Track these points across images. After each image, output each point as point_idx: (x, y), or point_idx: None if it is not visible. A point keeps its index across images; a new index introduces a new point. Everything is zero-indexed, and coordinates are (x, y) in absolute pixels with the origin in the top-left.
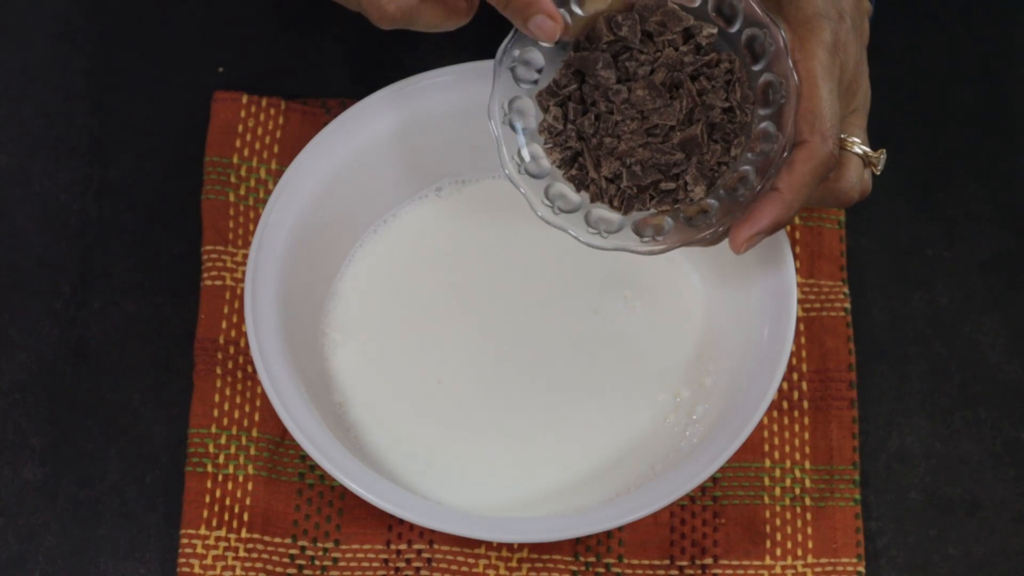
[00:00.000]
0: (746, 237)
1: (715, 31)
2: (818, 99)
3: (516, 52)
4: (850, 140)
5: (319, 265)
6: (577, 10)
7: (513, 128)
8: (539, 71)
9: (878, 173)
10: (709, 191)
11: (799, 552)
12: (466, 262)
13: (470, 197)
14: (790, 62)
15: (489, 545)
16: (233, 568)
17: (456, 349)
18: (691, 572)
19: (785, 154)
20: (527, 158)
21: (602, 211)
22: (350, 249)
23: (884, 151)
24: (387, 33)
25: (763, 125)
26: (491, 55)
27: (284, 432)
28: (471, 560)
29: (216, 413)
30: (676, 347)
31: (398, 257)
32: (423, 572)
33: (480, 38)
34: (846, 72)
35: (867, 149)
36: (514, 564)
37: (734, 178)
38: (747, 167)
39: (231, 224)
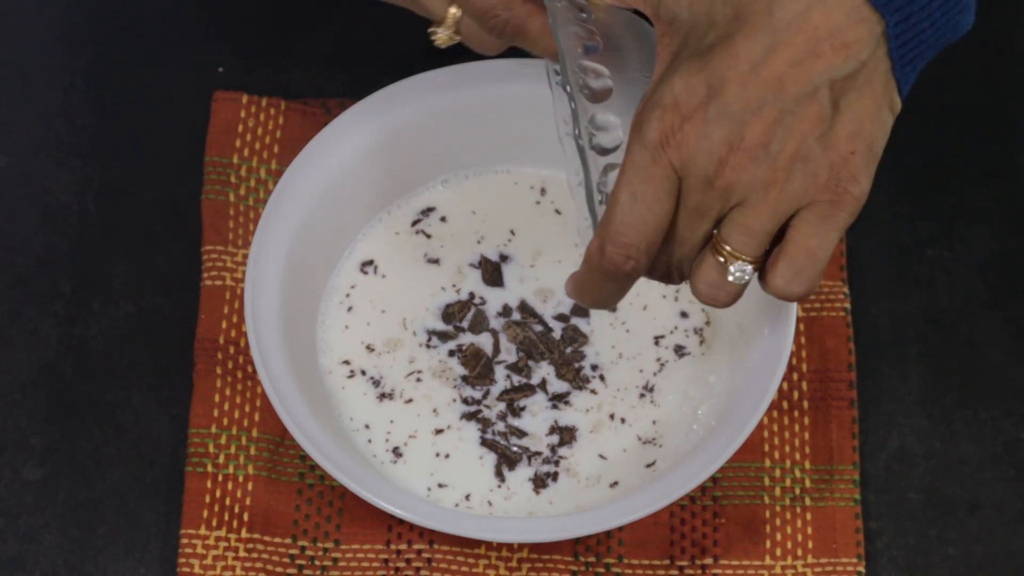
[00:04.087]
0: (566, 292)
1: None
2: (612, 201)
3: (558, 66)
4: (719, 239)
5: (319, 264)
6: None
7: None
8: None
9: (733, 283)
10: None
11: (799, 552)
12: (467, 259)
13: (470, 195)
14: None
15: (489, 545)
16: (233, 568)
17: (457, 347)
18: (691, 572)
19: None
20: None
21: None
22: (350, 248)
23: (747, 265)
24: (388, 33)
25: None
26: (489, 56)
27: (284, 432)
28: (471, 560)
29: (216, 413)
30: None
31: (398, 255)
32: (423, 572)
33: None
34: (692, 169)
35: (733, 253)
36: (514, 564)
37: None
38: None
39: (231, 224)
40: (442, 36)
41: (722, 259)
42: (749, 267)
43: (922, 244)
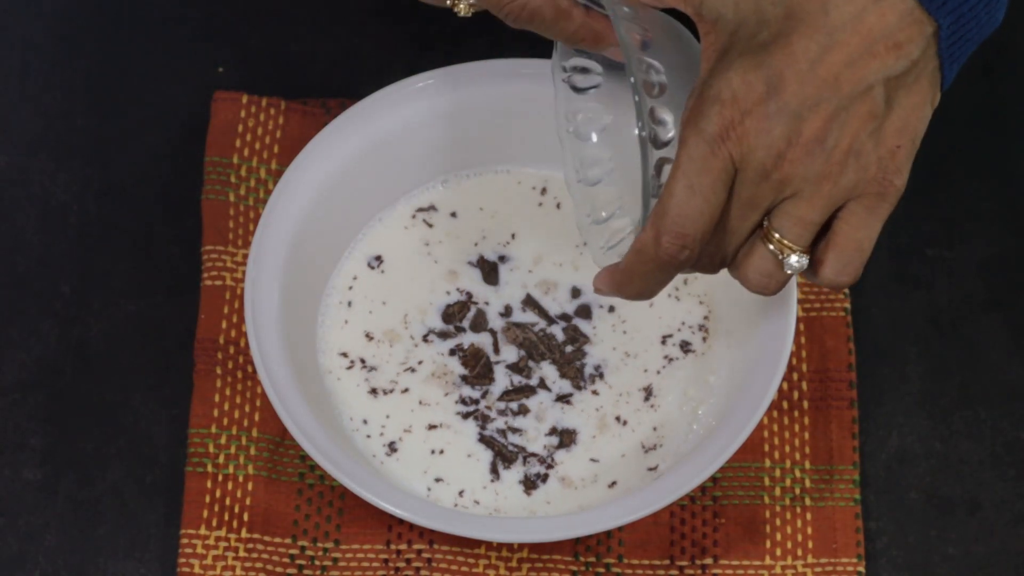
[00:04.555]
0: (595, 288)
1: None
2: (667, 192)
3: (567, 63)
4: (770, 229)
5: (319, 264)
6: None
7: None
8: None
9: (788, 273)
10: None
11: (799, 552)
12: (467, 259)
13: (471, 195)
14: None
15: (489, 545)
16: (233, 568)
17: (457, 346)
18: (691, 572)
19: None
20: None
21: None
22: (350, 247)
23: (803, 256)
24: (388, 34)
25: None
26: (489, 57)
27: (284, 432)
28: (471, 560)
29: (216, 413)
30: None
31: (399, 254)
32: (423, 572)
33: (481, 40)
34: (751, 161)
35: (786, 243)
36: (514, 564)
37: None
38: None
39: (231, 224)
40: (462, 6)
41: (772, 247)
42: (805, 258)
43: (922, 244)
